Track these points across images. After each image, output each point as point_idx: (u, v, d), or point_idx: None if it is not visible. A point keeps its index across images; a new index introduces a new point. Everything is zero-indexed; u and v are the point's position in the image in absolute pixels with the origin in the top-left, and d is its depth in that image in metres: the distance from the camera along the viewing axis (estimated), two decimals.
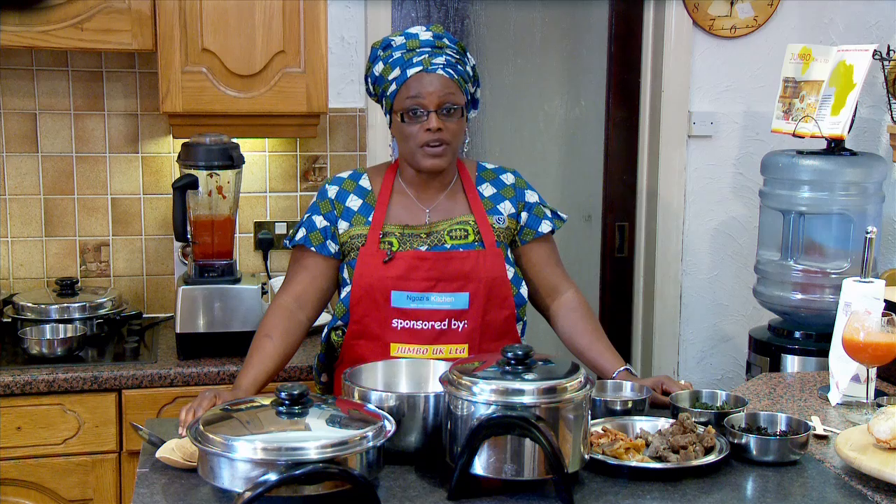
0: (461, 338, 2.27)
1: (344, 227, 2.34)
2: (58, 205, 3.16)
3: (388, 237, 2.30)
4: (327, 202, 2.36)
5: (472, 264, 2.29)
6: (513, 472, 1.74)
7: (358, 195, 2.36)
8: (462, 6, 3.51)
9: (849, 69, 2.98)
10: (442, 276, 2.27)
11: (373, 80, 2.35)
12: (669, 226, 3.59)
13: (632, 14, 3.60)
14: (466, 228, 2.34)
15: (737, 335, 3.62)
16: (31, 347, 2.73)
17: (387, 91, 2.30)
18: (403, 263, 2.27)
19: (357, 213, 2.34)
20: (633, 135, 3.66)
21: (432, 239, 2.32)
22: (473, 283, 2.28)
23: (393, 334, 2.26)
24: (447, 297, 2.27)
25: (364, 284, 2.27)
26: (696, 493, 1.80)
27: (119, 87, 3.15)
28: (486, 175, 2.44)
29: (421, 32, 2.33)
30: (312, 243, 2.34)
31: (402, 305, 2.26)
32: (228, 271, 2.81)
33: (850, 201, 3.02)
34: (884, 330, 2.16)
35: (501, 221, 2.38)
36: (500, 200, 2.40)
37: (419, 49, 2.29)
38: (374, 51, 2.35)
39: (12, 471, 2.62)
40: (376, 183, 2.39)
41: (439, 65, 2.28)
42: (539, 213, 2.43)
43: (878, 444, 1.92)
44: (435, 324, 2.27)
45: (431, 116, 2.26)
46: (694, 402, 2.18)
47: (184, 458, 1.86)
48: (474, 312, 2.28)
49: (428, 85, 2.26)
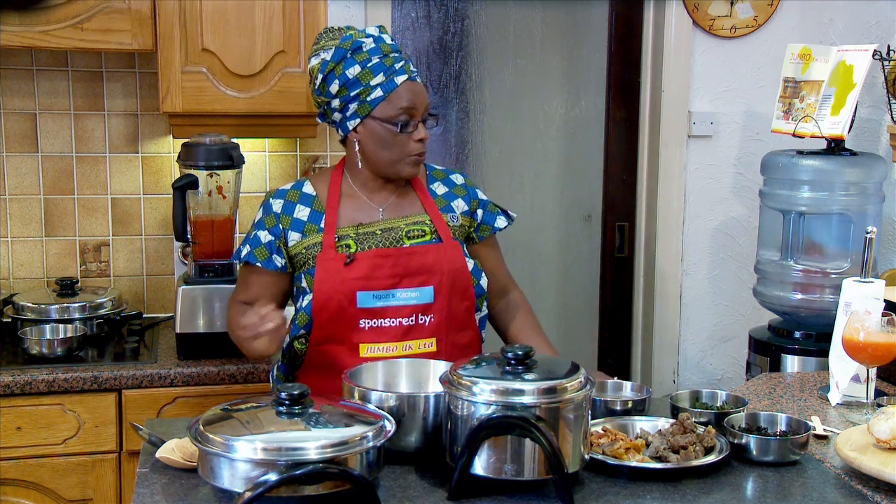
0: (428, 332, 2.29)
1: (296, 238, 2.33)
2: (58, 205, 3.16)
3: (345, 239, 2.30)
4: (272, 216, 2.35)
5: (434, 257, 2.31)
6: (513, 473, 1.74)
7: (304, 204, 2.35)
8: (462, 6, 3.51)
9: (849, 69, 2.98)
10: (406, 271, 2.29)
11: (342, 81, 2.27)
12: (669, 226, 3.59)
13: (632, 14, 3.60)
14: (423, 228, 2.35)
15: (737, 335, 3.62)
16: (31, 347, 2.73)
17: (365, 96, 2.27)
18: (366, 263, 2.27)
19: (308, 223, 2.33)
20: (633, 135, 3.66)
21: (388, 236, 2.32)
22: (437, 275, 2.30)
23: (360, 335, 2.26)
24: (412, 292, 2.29)
25: (326, 290, 2.25)
26: (696, 493, 1.80)
27: (119, 87, 3.15)
28: (436, 174, 2.47)
29: (382, 35, 2.32)
30: (258, 259, 2.33)
31: (368, 305, 2.26)
32: (228, 271, 2.81)
33: (850, 201, 3.02)
34: (884, 330, 2.16)
35: (455, 219, 2.40)
36: (453, 198, 2.43)
37: (392, 54, 2.30)
38: (341, 50, 2.27)
39: (12, 471, 2.62)
40: (321, 188, 2.38)
41: (415, 72, 2.32)
42: (493, 210, 2.48)
43: (878, 444, 1.92)
44: (402, 320, 2.28)
45: (420, 127, 2.29)
46: (694, 402, 2.18)
47: (184, 458, 1.86)
48: (439, 305, 2.30)
49: (417, 94, 2.30)
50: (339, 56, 2.28)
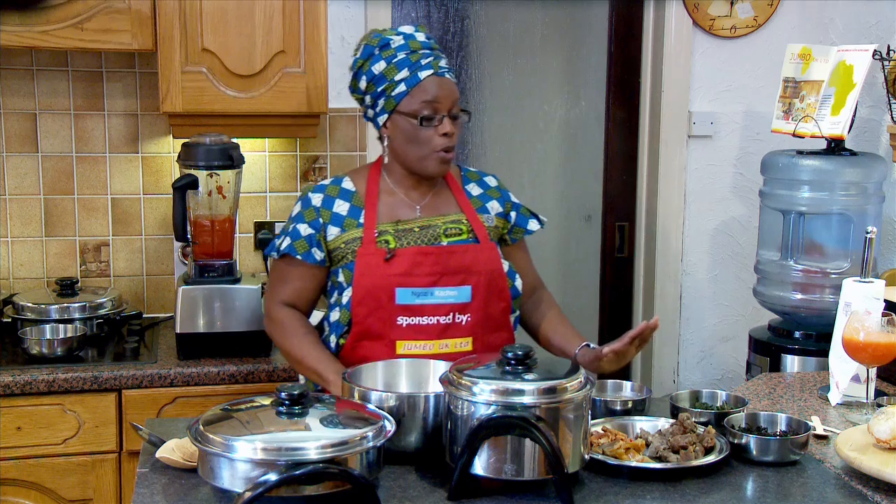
0: (465, 331, 2.29)
1: (335, 232, 2.33)
2: (58, 205, 3.17)
3: (384, 235, 2.31)
4: (312, 210, 2.36)
5: (472, 258, 2.32)
6: (513, 472, 1.74)
7: (344, 199, 2.36)
8: (462, 6, 3.51)
9: (849, 69, 2.98)
10: (445, 270, 2.29)
11: (369, 77, 2.32)
12: (669, 226, 3.59)
13: (632, 14, 3.60)
14: (460, 227, 2.36)
15: (737, 335, 3.62)
16: (31, 347, 2.73)
17: (390, 91, 2.29)
18: (406, 260, 2.28)
19: (347, 217, 2.34)
20: (633, 135, 3.66)
21: (427, 234, 2.33)
22: (475, 276, 2.31)
23: (398, 332, 2.27)
24: (451, 290, 2.29)
25: (366, 284, 2.27)
26: (696, 493, 1.80)
27: (119, 87, 3.15)
28: (470, 176, 2.49)
29: (415, 33, 2.34)
30: (298, 252, 2.34)
31: (407, 302, 2.27)
32: (228, 271, 2.81)
33: (850, 201, 3.02)
34: (884, 330, 2.16)
35: (490, 220, 2.41)
36: (488, 200, 2.44)
37: (421, 50, 2.30)
38: (369, 48, 2.33)
39: (12, 471, 2.62)
40: (360, 184, 2.39)
41: (445, 68, 2.32)
42: (525, 213, 2.49)
43: (878, 444, 1.92)
44: (440, 318, 2.28)
45: (446, 121, 2.29)
46: (694, 402, 2.18)
47: (184, 458, 1.86)
48: (476, 305, 2.30)
49: (442, 89, 2.29)
50: (367, 53, 2.33)
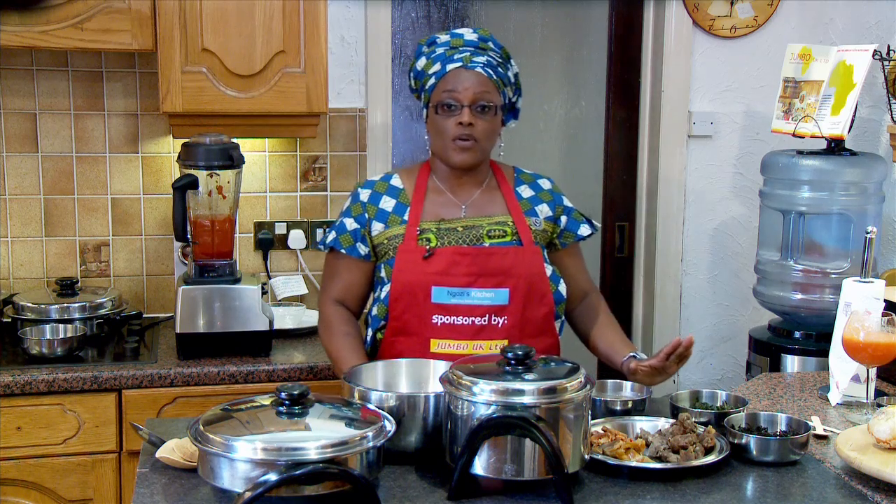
0: (501, 333, 2.30)
1: (379, 228, 2.37)
2: (58, 205, 3.16)
3: (426, 233, 2.34)
4: (359, 205, 2.40)
5: (512, 260, 2.33)
6: (513, 473, 1.74)
7: (391, 195, 2.40)
8: (462, 6, 3.51)
9: (849, 69, 2.98)
10: (482, 271, 2.30)
11: (415, 74, 2.41)
12: (669, 226, 3.59)
13: (632, 14, 3.60)
14: (505, 229, 2.37)
15: (737, 335, 3.62)
16: (31, 347, 2.73)
17: (426, 85, 2.36)
18: (444, 259, 2.30)
19: (392, 214, 2.38)
20: (633, 135, 3.66)
21: (469, 234, 2.35)
22: (513, 279, 2.31)
23: (433, 330, 2.28)
24: (487, 292, 2.30)
25: (404, 280, 2.30)
26: (696, 493, 1.80)
27: (119, 87, 3.15)
28: (524, 177, 2.50)
29: (467, 33, 2.39)
30: (343, 246, 2.39)
31: (442, 301, 2.28)
32: (228, 271, 2.81)
33: (850, 201, 3.02)
34: (884, 330, 2.16)
35: (538, 224, 2.41)
36: (538, 203, 2.45)
37: (462, 47, 2.36)
38: (420, 47, 2.41)
39: (12, 471, 2.62)
40: (409, 182, 2.43)
41: (479, 63, 2.33)
42: (577, 218, 2.49)
43: (878, 444, 1.92)
44: (475, 319, 2.29)
45: (464, 111, 2.30)
46: (694, 402, 2.18)
47: (184, 458, 1.86)
48: (514, 308, 2.31)
49: (465, 80, 2.31)
50: (417, 53, 2.42)
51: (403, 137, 3.51)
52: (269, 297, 3.18)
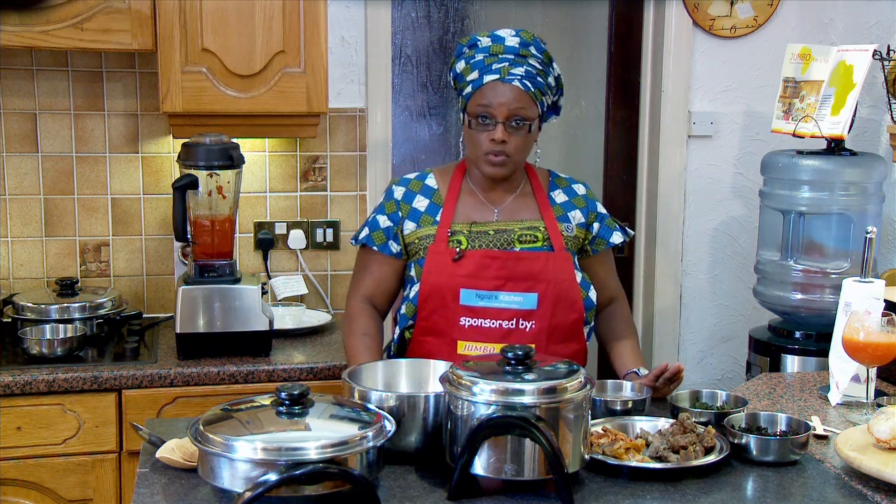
0: (528, 338, 2.30)
1: (411, 227, 2.38)
2: (58, 205, 3.16)
3: (457, 235, 2.34)
4: (393, 202, 2.41)
5: (542, 266, 2.33)
6: (513, 472, 1.74)
7: (425, 195, 2.41)
8: (462, 6, 3.51)
9: (849, 69, 2.98)
10: (511, 275, 2.31)
11: (454, 75, 2.41)
12: (669, 226, 3.59)
13: (632, 14, 3.60)
14: (536, 234, 2.38)
15: (737, 335, 3.62)
16: (31, 347, 2.73)
17: (463, 91, 2.37)
18: (473, 262, 2.30)
19: (424, 214, 2.38)
20: (633, 135, 3.66)
21: (500, 238, 2.35)
22: (542, 284, 2.32)
23: (461, 332, 2.29)
24: (516, 296, 2.31)
25: (433, 282, 2.30)
26: (696, 493, 1.80)
27: (119, 87, 3.15)
28: (559, 182, 2.51)
29: (508, 37, 2.36)
30: (375, 242, 2.40)
31: (470, 303, 2.29)
32: (228, 271, 2.81)
33: (850, 201, 3.02)
34: (884, 330, 2.16)
35: (570, 230, 2.42)
36: (572, 209, 2.45)
37: (501, 55, 2.33)
38: (460, 47, 2.41)
39: (12, 471, 2.62)
40: (443, 182, 2.43)
41: (517, 76, 2.31)
42: (610, 225, 2.49)
43: (878, 444, 1.92)
44: (503, 322, 2.30)
45: (498, 127, 2.30)
46: (694, 402, 2.18)
47: (184, 458, 1.86)
48: (542, 313, 2.31)
49: (500, 95, 2.30)
50: (457, 53, 2.41)
51: (403, 137, 3.51)
52: (269, 297, 3.18)
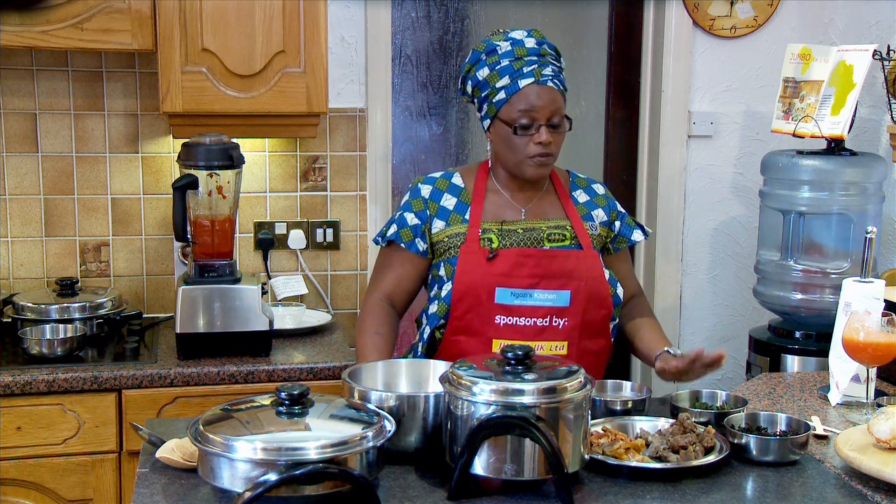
0: (561, 335, 2.32)
1: (440, 226, 2.38)
2: (58, 205, 3.16)
3: (487, 234, 2.35)
4: (420, 200, 2.41)
5: (574, 263, 2.35)
6: (513, 472, 1.74)
7: (452, 194, 2.41)
8: (462, 6, 3.51)
9: (849, 69, 2.98)
10: (546, 273, 2.32)
11: (474, 83, 2.38)
12: (669, 226, 3.59)
13: (632, 14, 3.60)
14: (564, 233, 2.39)
15: (737, 335, 3.62)
16: (31, 347, 2.73)
17: (492, 97, 2.34)
18: (507, 261, 2.31)
19: (453, 212, 2.39)
20: (633, 135, 3.66)
21: (530, 236, 2.36)
22: (575, 281, 2.33)
23: (495, 330, 2.30)
24: (550, 294, 2.32)
25: (467, 281, 2.31)
26: (696, 493, 1.80)
27: (119, 87, 3.15)
28: (579, 182, 2.52)
29: (525, 39, 2.36)
30: (403, 240, 2.40)
31: (505, 302, 2.30)
32: (228, 271, 2.81)
33: (850, 201, 3.02)
34: (884, 330, 2.16)
35: (594, 228, 2.44)
36: (594, 208, 2.47)
37: (527, 58, 2.33)
38: (476, 53, 2.38)
39: (12, 471, 2.62)
40: (469, 181, 2.44)
41: (549, 76, 2.33)
42: (630, 223, 2.51)
43: (878, 444, 1.92)
44: (537, 320, 2.31)
45: (542, 130, 2.31)
46: (694, 402, 2.18)
47: (184, 458, 1.86)
48: (575, 310, 2.33)
49: (540, 98, 2.30)
50: (474, 59, 2.38)
51: (403, 137, 3.51)
52: (269, 297, 3.18)
